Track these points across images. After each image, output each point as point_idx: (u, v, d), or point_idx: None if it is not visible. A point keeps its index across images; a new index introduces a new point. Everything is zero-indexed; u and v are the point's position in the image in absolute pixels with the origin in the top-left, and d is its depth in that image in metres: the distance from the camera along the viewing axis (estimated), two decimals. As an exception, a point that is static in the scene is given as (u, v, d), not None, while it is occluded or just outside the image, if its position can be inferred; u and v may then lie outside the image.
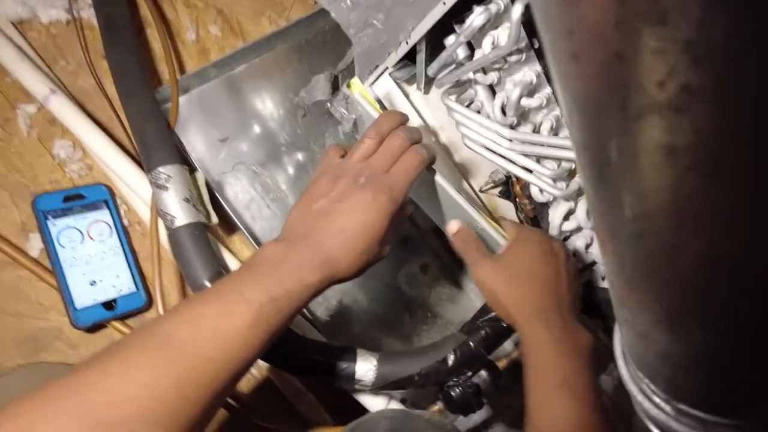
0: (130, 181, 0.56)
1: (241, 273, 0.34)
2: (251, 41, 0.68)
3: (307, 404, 0.59)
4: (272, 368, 0.58)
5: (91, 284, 0.54)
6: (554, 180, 0.48)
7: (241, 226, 0.61)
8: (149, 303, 0.56)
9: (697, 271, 0.15)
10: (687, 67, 0.10)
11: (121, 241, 0.57)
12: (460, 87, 0.53)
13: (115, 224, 0.58)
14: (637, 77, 0.11)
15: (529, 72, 0.47)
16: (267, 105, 0.69)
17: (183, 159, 0.54)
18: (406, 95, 0.57)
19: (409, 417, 0.43)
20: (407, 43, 0.50)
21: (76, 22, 0.59)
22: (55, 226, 0.54)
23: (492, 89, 0.51)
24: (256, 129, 0.67)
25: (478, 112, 0.52)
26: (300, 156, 0.69)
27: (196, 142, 0.64)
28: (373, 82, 0.57)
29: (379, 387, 0.48)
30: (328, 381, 0.48)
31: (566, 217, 0.51)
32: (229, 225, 0.64)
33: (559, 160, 0.47)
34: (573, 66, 0.12)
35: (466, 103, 0.52)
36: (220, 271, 0.50)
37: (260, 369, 0.60)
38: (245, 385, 0.59)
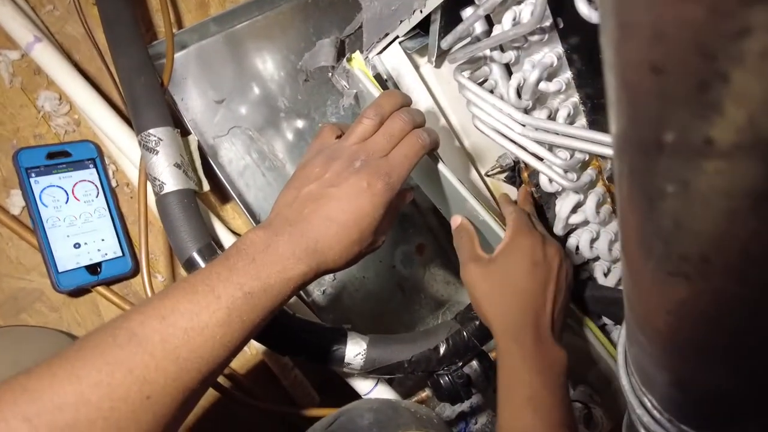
0: (119, 141, 0.53)
1: (217, 264, 0.32)
2: (254, -3, 0.64)
3: (293, 380, 0.58)
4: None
5: (75, 247, 0.52)
6: (565, 170, 0.45)
7: (234, 194, 0.58)
8: (136, 269, 0.54)
9: (738, 317, 0.13)
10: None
11: (108, 203, 0.55)
12: (474, 63, 0.50)
13: (102, 185, 0.55)
14: (745, 108, 0.08)
15: (550, 54, 0.43)
16: (268, 67, 0.65)
17: (175, 121, 0.51)
18: (416, 67, 0.53)
19: (394, 408, 0.42)
20: (421, 11, 0.46)
21: (65, -38, 0.55)
22: (38, 183, 0.51)
23: (508, 69, 0.48)
24: (255, 92, 0.64)
25: (492, 91, 0.49)
26: (299, 123, 0.66)
27: (190, 102, 0.60)
28: (381, 51, 0.53)
29: (368, 371, 0.47)
30: (317, 362, 0.47)
31: (574, 210, 0.49)
32: (221, 192, 0.61)
33: (572, 150, 0.44)
34: (648, 80, 0.09)
35: (479, 81, 0.49)
36: (209, 242, 0.48)
37: (249, 344, 0.59)
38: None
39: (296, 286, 0.33)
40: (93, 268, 0.52)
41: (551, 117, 0.46)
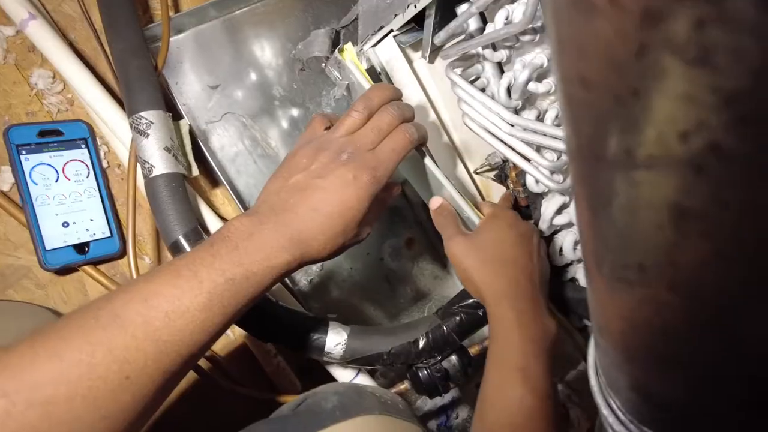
0: (111, 122, 0.53)
1: (201, 249, 0.32)
2: (254, -17, 0.63)
3: (276, 367, 0.58)
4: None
5: (64, 225, 0.52)
6: (552, 172, 0.45)
7: (224, 180, 0.59)
8: (123, 250, 0.55)
9: (680, 328, 0.13)
10: (723, 124, 0.08)
11: (98, 183, 0.55)
12: (466, 61, 0.50)
13: (92, 165, 0.55)
14: (654, 123, 0.09)
15: (541, 54, 0.44)
16: (265, 54, 0.65)
17: (169, 105, 0.51)
18: (410, 62, 0.53)
19: (359, 393, 0.43)
20: (416, 6, 0.46)
21: (63, -60, 0.55)
22: (29, 161, 0.51)
23: (500, 67, 0.48)
24: (251, 79, 0.64)
25: (483, 90, 0.49)
26: (294, 112, 0.66)
27: (185, 86, 0.60)
28: (375, 44, 0.53)
29: (348, 361, 0.48)
30: (297, 350, 0.48)
31: (559, 211, 0.49)
32: (212, 177, 0.62)
33: (559, 152, 0.45)
34: (579, 90, 0.10)
35: (471, 79, 0.49)
36: (196, 227, 0.48)
37: (232, 329, 0.59)
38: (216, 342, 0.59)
39: (279, 274, 0.34)
40: (81, 248, 0.52)
41: (540, 118, 0.46)
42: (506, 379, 0.41)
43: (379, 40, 0.52)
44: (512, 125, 0.46)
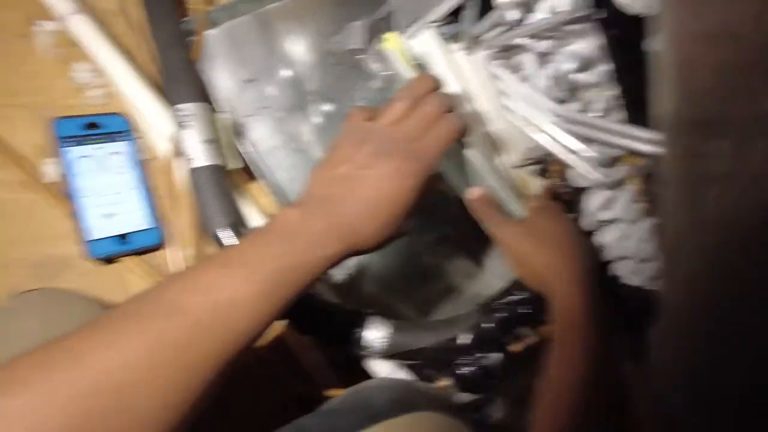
0: (152, 115, 0.54)
1: (253, 240, 0.33)
2: (288, -23, 0.63)
3: (312, 359, 0.58)
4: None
5: (106, 216, 0.53)
6: (598, 165, 0.44)
7: (259, 174, 0.59)
8: (164, 241, 0.56)
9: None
10: None
11: (139, 175, 0.56)
12: (507, 52, 0.49)
13: (133, 157, 0.56)
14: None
15: (587, 45, 0.43)
16: (298, 48, 0.65)
17: (208, 97, 0.52)
18: (447, 53, 0.53)
19: (410, 390, 0.42)
20: (457, -3, 0.46)
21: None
22: (72, 153, 0.52)
23: (543, 59, 0.47)
24: (285, 73, 0.64)
25: (524, 81, 0.48)
26: (327, 107, 0.66)
27: (219, 80, 0.61)
28: (412, 35, 0.53)
29: (388, 356, 0.48)
30: (339, 344, 0.48)
31: (604, 206, 0.48)
32: (247, 171, 0.62)
33: (606, 144, 0.44)
34: (715, 50, 0.09)
35: (512, 71, 0.48)
36: (239, 219, 0.48)
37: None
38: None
39: (328, 265, 0.34)
40: (122, 239, 0.53)
41: (585, 110, 0.45)
42: (571, 361, 0.40)
43: (416, 32, 0.52)
44: (556, 117, 0.45)
